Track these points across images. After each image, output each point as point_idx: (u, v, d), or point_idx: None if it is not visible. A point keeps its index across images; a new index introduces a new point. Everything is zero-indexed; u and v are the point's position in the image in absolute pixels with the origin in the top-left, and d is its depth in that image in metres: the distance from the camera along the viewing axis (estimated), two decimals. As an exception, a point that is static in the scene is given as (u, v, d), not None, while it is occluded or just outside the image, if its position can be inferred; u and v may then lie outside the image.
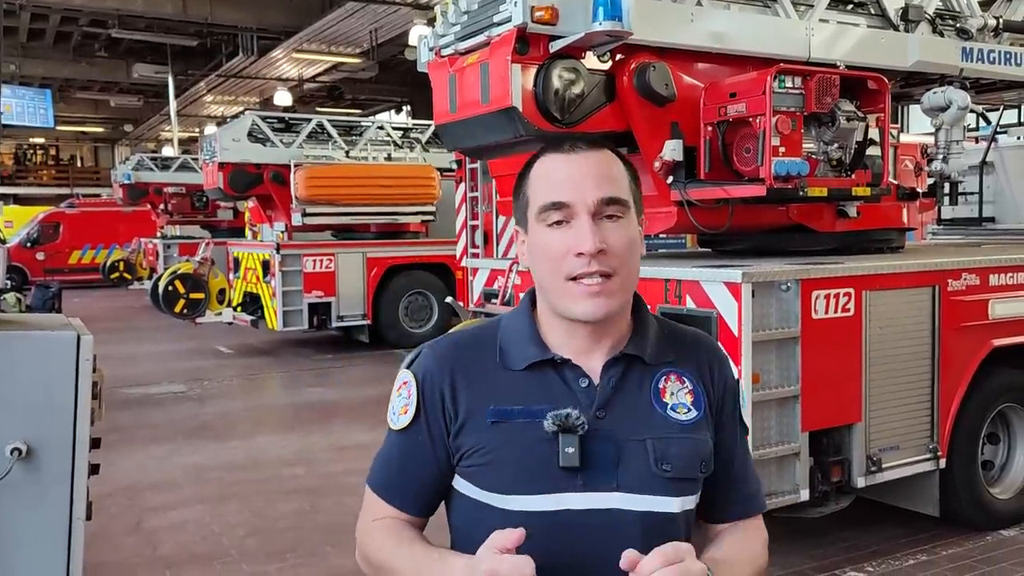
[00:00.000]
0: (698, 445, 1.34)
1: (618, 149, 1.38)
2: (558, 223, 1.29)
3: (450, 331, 1.45)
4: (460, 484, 1.34)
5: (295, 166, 11.71)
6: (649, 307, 1.44)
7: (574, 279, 1.28)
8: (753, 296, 3.80)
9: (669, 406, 1.34)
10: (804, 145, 4.30)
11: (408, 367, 1.40)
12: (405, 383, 1.38)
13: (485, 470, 1.30)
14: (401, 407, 1.37)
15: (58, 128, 31.60)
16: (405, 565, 1.31)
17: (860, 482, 4.16)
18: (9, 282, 8.96)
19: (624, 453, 1.29)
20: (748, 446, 1.50)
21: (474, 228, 8.35)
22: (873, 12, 5.14)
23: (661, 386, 1.36)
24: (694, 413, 1.35)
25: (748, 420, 1.51)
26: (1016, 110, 9.39)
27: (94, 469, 2.16)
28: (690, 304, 4.02)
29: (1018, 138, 7.45)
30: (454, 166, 9.72)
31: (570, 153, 1.32)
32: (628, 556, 1.15)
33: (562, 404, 1.28)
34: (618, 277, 1.29)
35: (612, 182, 1.31)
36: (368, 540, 1.40)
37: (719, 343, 1.54)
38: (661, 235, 5.88)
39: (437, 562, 1.27)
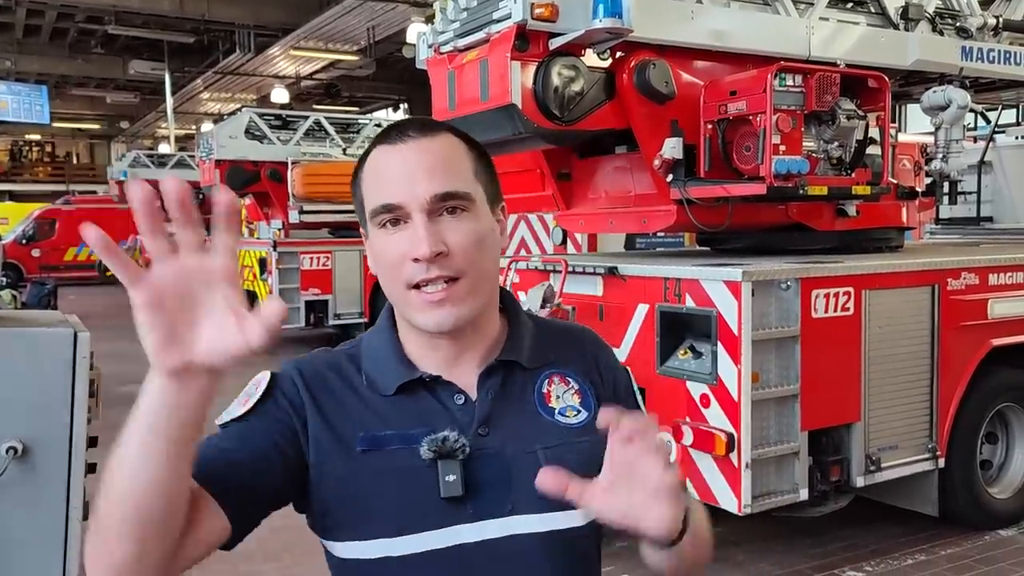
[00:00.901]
0: (595, 447, 1.09)
1: (460, 130, 1.22)
2: (394, 224, 1.13)
3: (311, 352, 1.28)
4: (336, 547, 1.16)
5: (292, 164, 11.69)
6: (521, 304, 1.30)
7: (416, 287, 1.13)
8: (753, 295, 3.79)
9: (557, 411, 1.21)
10: (804, 143, 4.29)
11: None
12: (258, 383, 1.20)
13: (356, 512, 1.12)
14: (242, 399, 1.18)
15: (54, 125, 31.49)
16: (116, 465, 0.96)
17: (859, 481, 4.15)
18: (4, 279, 8.91)
19: (515, 470, 1.14)
20: None
21: (472, 226, 8.33)
22: (873, 11, 5.14)
23: (545, 390, 1.22)
24: (584, 414, 1.21)
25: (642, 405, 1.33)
26: (1015, 109, 9.39)
27: (91, 468, 2.14)
28: (690, 303, 4.00)
29: (1016, 138, 7.44)
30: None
31: (397, 143, 1.15)
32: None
33: (439, 426, 1.14)
34: (466, 280, 1.13)
35: (449, 172, 1.14)
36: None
37: (597, 333, 1.36)
38: (660, 233, 5.87)
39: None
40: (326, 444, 1.14)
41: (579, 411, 1.22)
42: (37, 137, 38.66)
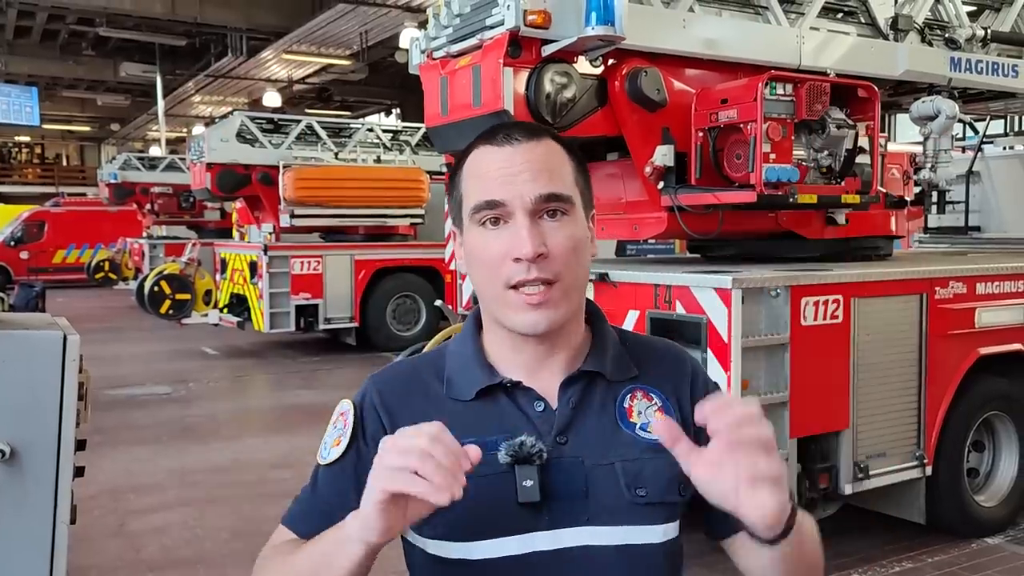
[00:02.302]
0: (674, 465, 1.09)
1: (562, 137, 1.24)
2: (494, 223, 1.15)
3: (393, 360, 1.31)
4: (413, 537, 1.18)
5: (284, 167, 11.66)
6: (607, 318, 1.30)
7: (514, 287, 1.14)
8: (743, 302, 3.80)
9: (638, 425, 1.20)
10: (794, 152, 4.31)
11: (361, 394, 1.25)
12: (343, 414, 1.23)
13: (436, 515, 1.09)
14: (334, 439, 1.21)
15: (44, 126, 31.37)
16: (302, 560, 1.11)
17: (847, 489, 4.17)
18: (-8, 281, 8.88)
19: (592, 481, 1.14)
20: None
21: (463, 231, 8.34)
22: (863, 21, 5.17)
23: (627, 405, 1.21)
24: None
25: None
26: (1002, 120, 9.46)
27: (79, 471, 2.13)
28: (680, 310, 4.01)
29: (1004, 148, 7.50)
30: (444, 169, 9.71)
31: (504, 145, 1.17)
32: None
33: (518, 432, 1.14)
34: (561, 284, 1.14)
35: (552, 176, 1.16)
36: (262, 566, 1.18)
37: (686, 351, 1.35)
38: (651, 240, 5.88)
39: (331, 531, 1.08)
40: None
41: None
42: (27, 139, 38.51)
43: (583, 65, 4.32)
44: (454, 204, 1.23)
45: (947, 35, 5.33)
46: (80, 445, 2.17)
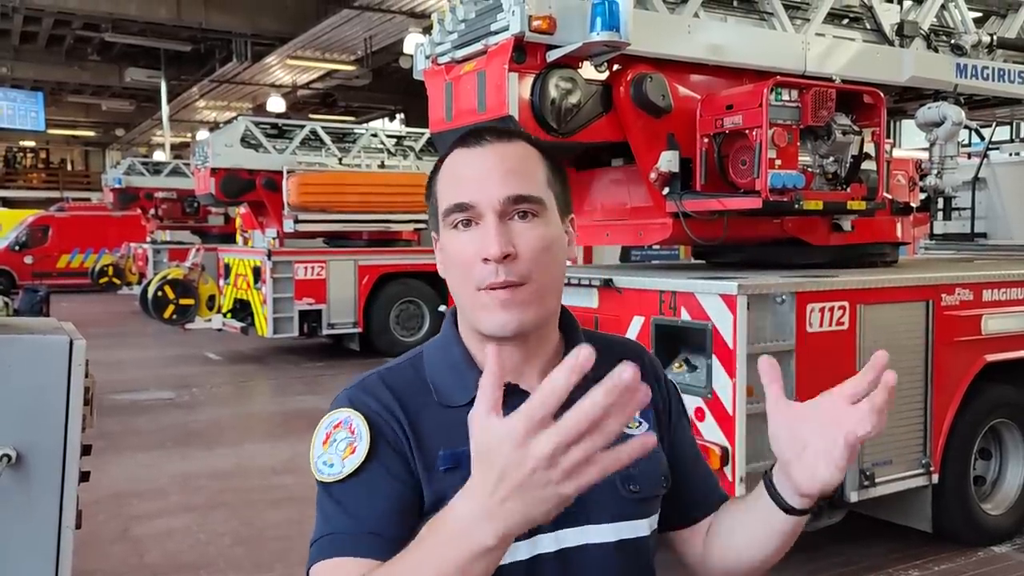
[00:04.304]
0: (658, 459, 1.23)
1: (535, 139, 1.25)
2: (466, 225, 1.15)
3: (365, 373, 1.24)
4: None
5: (288, 172, 11.67)
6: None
7: (485, 289, 1.14)
8: (748, 308, 3.79)
9: None
10: (800, 158, 4.30)
11: (338, 407, 1.17)
12: (340, 423, 1.14)
13: None
14: (345, 448, 1.12)
15: (49, 131, 31.47)
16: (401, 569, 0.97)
17: (853, 496, 4.15)
18: (-3, 285, 8.90)
19: None
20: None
21: (467, 237, 8.34)
22: (869, 27, 5.17)
23: None
24: (645, 426, 1.25)
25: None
26: (1008, 126, 9.45)
27: (84, 476, 2.12)
28: (685, 316, 4.00)
29: (1010, 154, 7.49)
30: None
31: (474, 147, 1.18)
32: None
33: None
34: (532, 284, 1.13)
35: (522, 177, 1.16)
36: None
37: (642, 345, 1.40)
38: (655, 246, 5.88)
39: (430, 527, 0.95)
40: (418, 463, 1.13)
41: (640, 422, 1.25)
42: (32, 144, 38.59)
43: (588, 71, 4.32)
44: (431, 210, 1.23)
45: (953, 41, 5.32)
46: (86, 450, 2.16)
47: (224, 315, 12.24)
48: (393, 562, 0.98)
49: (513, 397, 1.13)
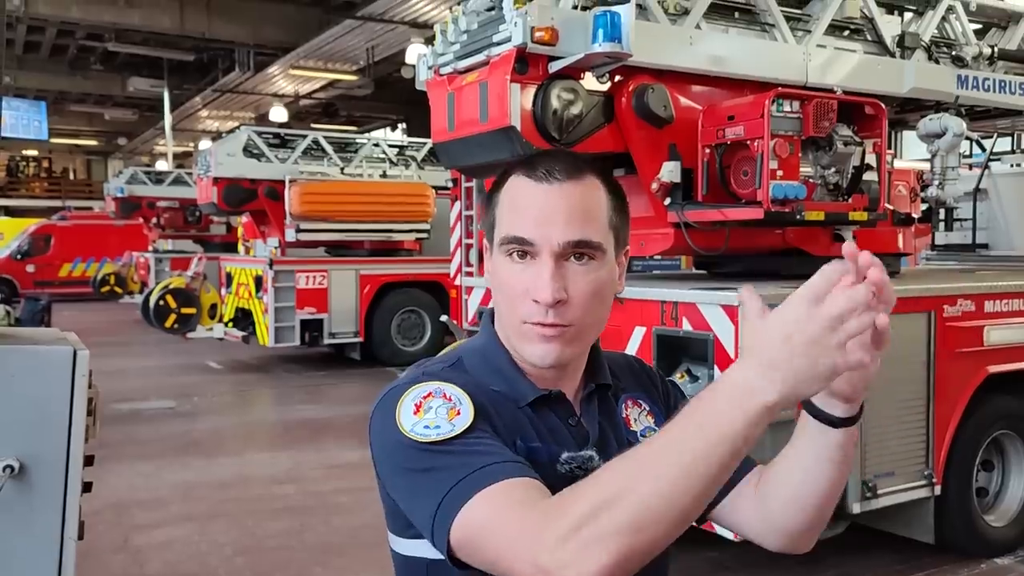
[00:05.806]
0: None
1: (604, 171, 1.24)
2: (521, 256, 1.16)
3: (413, 373, 1.20)
4: (424, 551, 1.14)
5: (290, 182, 11.69)
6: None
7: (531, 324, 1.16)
8: (750, 319, 3.78)
9: (638, 432, 1.27)
10: (801, 169, 4.31)
11: (415, 383, 1.15)
12: (430, 394, 1.12)
13: None
14: (448, 412, 1.10)
15: (52, 140, 31.54)
16: (652, 455, 0.94)
17: (855, 508, 4.14)
18: (-1, 294, 8.91)
19: None
20: None
21: (468, 247, 8.32)
22: (870, 39, 5.19)
23: (624, 415, 1.28)
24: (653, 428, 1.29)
25: None
26: (1009, 138, 9.46)
27: (87, 487, 2.12)
28: (686, 326, 4.00)
29: (1012, 165, 7.49)
30: (450, 184, 9.73)
31: (542, 182, 1.16)
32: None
33: (565, 444, 1.18)
34: (575, 328, 1.16)
35: (586, 220, 1.15)
36: (557, 506, 0.96)
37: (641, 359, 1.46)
38: (657, 256, 5.88)
39: (697, 400, 0.94)
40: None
41: (655, 431, 1.25)
42: (34, 153, 38.70)
43: (590, 81, 4.33)
44: (487, 223, 1.24)
45: (954, 53, 5.34)
46: (88, 461, 2.16)
47: (226, 324, 12.25)
48: (659, 435, 0.96)
49: (560, 406, 1.21)
